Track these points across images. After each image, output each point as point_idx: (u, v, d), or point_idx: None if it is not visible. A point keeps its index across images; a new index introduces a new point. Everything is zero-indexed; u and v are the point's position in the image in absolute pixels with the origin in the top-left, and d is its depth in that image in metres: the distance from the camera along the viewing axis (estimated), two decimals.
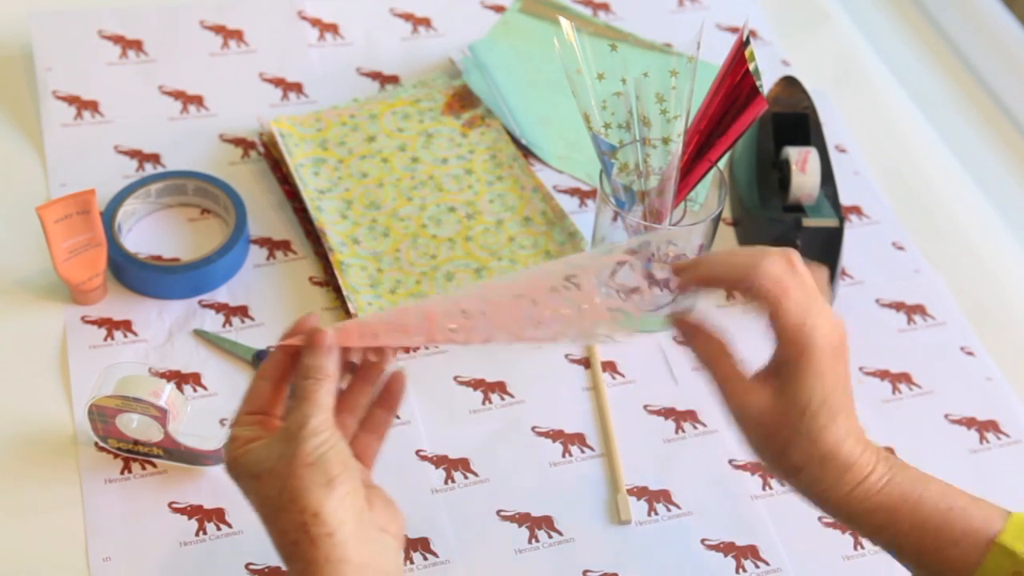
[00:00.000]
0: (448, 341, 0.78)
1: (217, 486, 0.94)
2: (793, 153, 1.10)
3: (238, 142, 1.17)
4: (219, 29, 1.24)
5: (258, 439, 0.75)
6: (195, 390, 1.00)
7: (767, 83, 1.18)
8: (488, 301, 0.77)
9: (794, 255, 0.76)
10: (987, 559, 0.74)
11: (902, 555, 0.77)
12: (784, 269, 0.75)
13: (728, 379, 0.77)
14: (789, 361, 0.74)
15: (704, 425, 1.01)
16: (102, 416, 0.92)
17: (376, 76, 1.24)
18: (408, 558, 0.91)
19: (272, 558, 0.90)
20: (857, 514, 0.76)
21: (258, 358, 1.01)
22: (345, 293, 1.04)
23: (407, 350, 1.03)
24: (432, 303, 0.78)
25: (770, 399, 0.75)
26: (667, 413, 1.02)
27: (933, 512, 0.75)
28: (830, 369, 0.75)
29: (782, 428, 0.75)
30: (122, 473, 0.94)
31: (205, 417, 0.97)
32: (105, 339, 1.02)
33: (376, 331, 0.77)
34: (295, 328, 0.77)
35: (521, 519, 0.95)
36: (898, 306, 1.11)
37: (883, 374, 1.06)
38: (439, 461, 0.97)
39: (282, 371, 0.78)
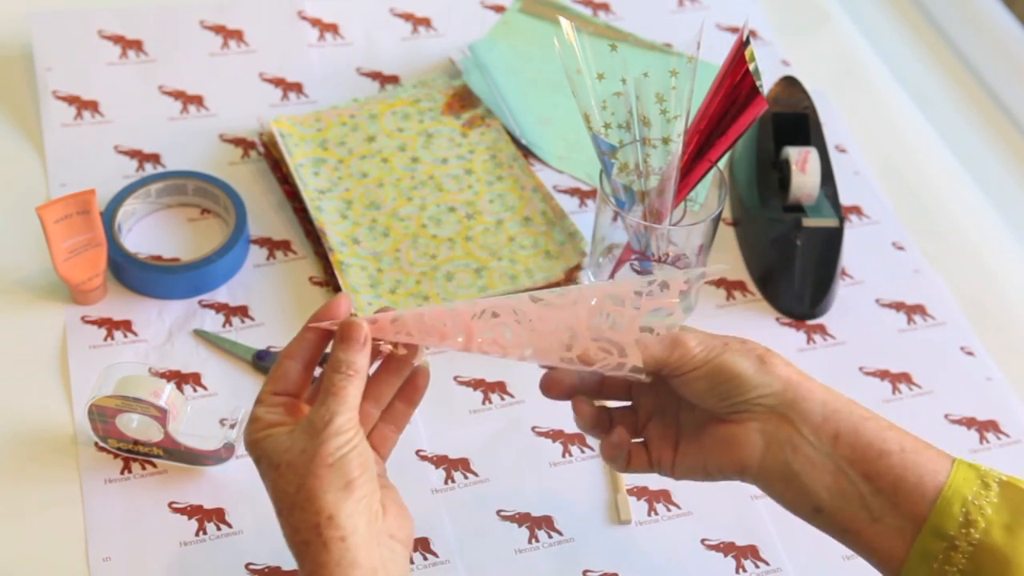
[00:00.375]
0: (484, 353, 0.77)
1: (217, 486, 0.94)
2: (793, 153, 1.10)
3: (238, 142, 1.17)
4: (219, 29, 1.24)
5: (281, 424, 0.74)
6: (195, 390, 1.00)
7: (767, 83, 1.18)
8: (529, 324, 0.76)
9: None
10: (956, 466, 0.75)
11: (887, 458, 0.75)
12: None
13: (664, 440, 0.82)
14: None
15: None
16: (102, 416, 0.92)
17: (376, 76, 1.24)
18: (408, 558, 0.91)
19: (272, 558, 0.90)
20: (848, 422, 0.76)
21: (258, 358, 1.01)
22: (345, 293, 1.04)
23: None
24: (468, 313, 0.76)
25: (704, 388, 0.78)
26: None
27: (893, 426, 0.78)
28: None
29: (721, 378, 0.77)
30: (122, 473, 0.94)
31: (205, 417, 0.97)
32: (105, 339, 1.02)
33: (410, 328, 0.76)
34: (329, 309, 0.76)
35: (521, 519, 0.95)
36: (898, 306, 1.11)
37: (883, 374, 1.06)
38: (439, 461, 0.97)
39: (312, 353, 0.77)
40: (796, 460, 0.76)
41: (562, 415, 1.01)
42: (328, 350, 0.77)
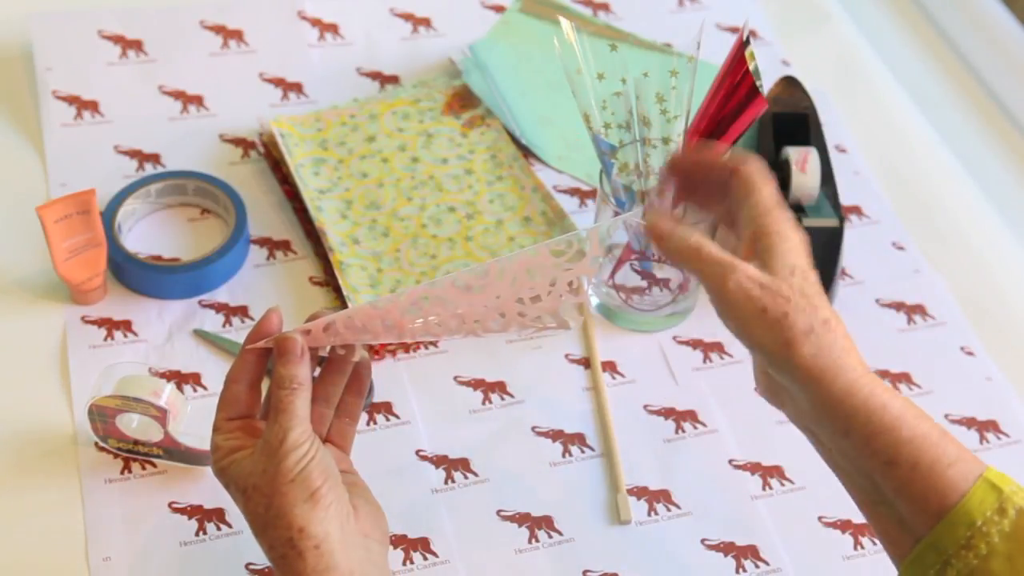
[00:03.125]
0: (415, 340, 0.80)
1: (217, 486, 0.93)
2: (793, 153, 1.10)
3: (238, 142, 1.17)
4: (219, 29, 1.24)
5: (242, 448, 0.77)
6: (195, 390, 1.00)
7: (767, 83, 1.18)
8: (456, 312, 0.78)
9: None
10: (976, 487, 0.71)
11: (893, 469, 0.71)
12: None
13: (714, 261, 0.74)
14: (768, 237, 0.74)
15: (704, 425, 1.01)
16: (102, 416, 0.92)
17: (376, 76, 1.24)
18: (408, 558, 0.91)
19: None
20: (864, 408, 0.72)
21: None
22: (345, 293, 1.04)
23: (406, 348, 1.03)
24: (396, 308, 0.78)
25: (758, 266, 0.74)
26: (667, 413, 1.02)
27: (933, 427, 0.72)
28: (805, 253, 0.75)
29: (777, 291, 0.73)
30: (122, 473, 0.94)
31: (205, 417, 0.96)
32: (105, 339, 1.02)
33: (343, 332, 0.78)
34: (261, 328, 0.79)
35: (521, 519, 0.95)
36: (898, 306, 1.11)
37: (883, 374, 1.06)
38: (439, 461, 0.97)
39: (255, 373, 0.79)
40: None
41: (562, 415, 1.01)
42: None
